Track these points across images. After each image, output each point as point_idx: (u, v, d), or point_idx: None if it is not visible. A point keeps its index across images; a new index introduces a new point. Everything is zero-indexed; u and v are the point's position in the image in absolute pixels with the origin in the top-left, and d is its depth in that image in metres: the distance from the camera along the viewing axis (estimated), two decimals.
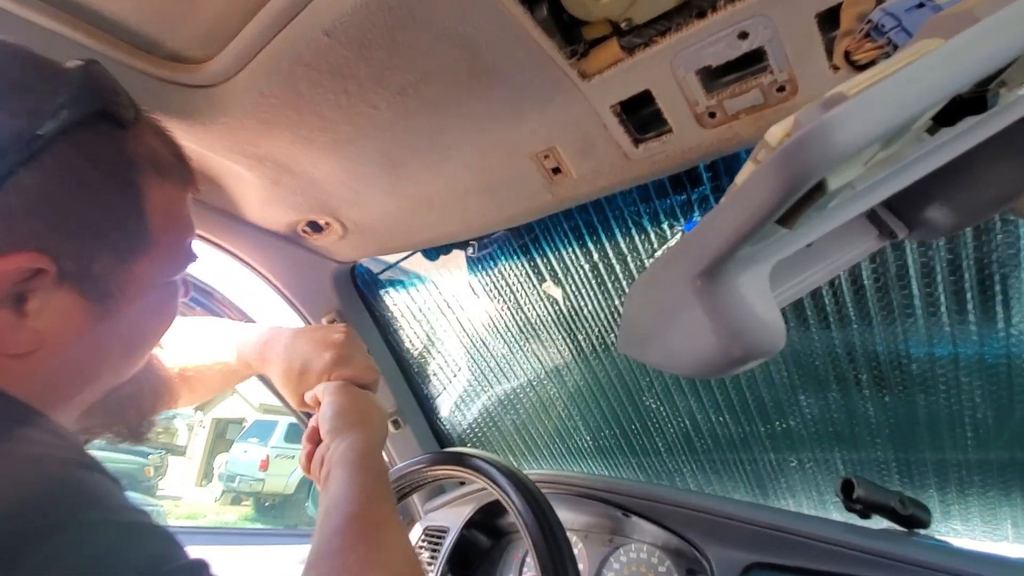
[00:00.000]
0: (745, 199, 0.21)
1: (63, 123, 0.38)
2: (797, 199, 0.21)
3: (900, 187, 0.28)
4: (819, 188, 0.21)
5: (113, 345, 0.46)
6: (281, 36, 0.56)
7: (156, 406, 0.59)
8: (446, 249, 1.04)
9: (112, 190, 0.42)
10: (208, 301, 1.08)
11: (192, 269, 0.53)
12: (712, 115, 0.60)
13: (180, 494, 10.77)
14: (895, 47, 0.33)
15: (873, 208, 0.44)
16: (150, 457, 9.58)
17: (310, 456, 0.64)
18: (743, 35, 0.51)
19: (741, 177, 0.24)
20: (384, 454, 1.21)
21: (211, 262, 0.99)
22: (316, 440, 0.64)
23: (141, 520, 0.36)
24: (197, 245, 0.54)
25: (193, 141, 0.69)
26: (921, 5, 0.33)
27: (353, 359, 0.67)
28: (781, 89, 0.55)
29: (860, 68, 0.35)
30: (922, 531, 0.76)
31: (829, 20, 0.48)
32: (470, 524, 1.11)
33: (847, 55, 0.35)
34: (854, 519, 0.77)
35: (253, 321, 1.10)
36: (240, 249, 0.96)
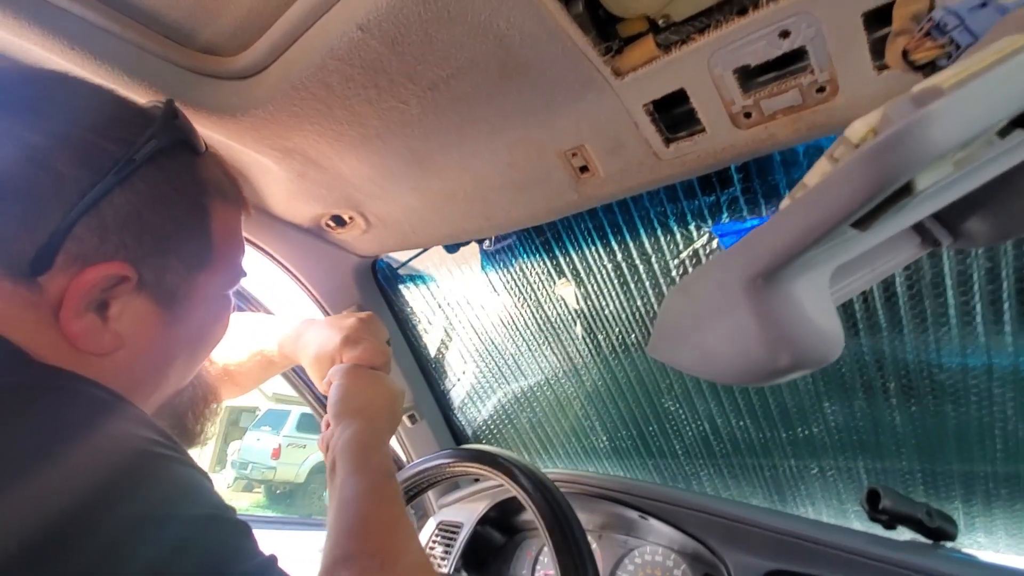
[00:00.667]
0: (821, 199, 0.20)
1: (152, 150, 0.44)
2: (881, 200, 0.20)
3: (968, 190, 0.27)
4: (905, 189, 0.20)
5: (180, 349, 0.51)
6: (314, 29, 0.56)
7: (208, 410, 0.66)
8: (466, 241, 1.04)
9: (187, 210, 0.48)
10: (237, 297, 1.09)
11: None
12: (748, 115, 0.58)
13: None
14: (957, 47, 0.32)
15: None
16: None
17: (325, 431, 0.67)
18: (784, 34, 0.50)
19: (813, 177, 0.23)
20: (400, 449, 1.23)
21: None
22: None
23: (222, 515, 0.38)
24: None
25: (223, 133, 0.69)
26: (984, 4, 0.32)
27: (362, 341, 0.68)
28: (821, 90, 0.54)
29: (918, 68, 0.34)
30: (948, 544, 0.75)
31: (876, 19, 0.47)
32: (484, 520, 1.11)
33: (905, 54, 0.34)
34: (874, 529, 0.76)
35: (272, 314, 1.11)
36: (264, 241, 0.96)
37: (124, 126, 0.44)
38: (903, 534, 0.76)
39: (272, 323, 0.78)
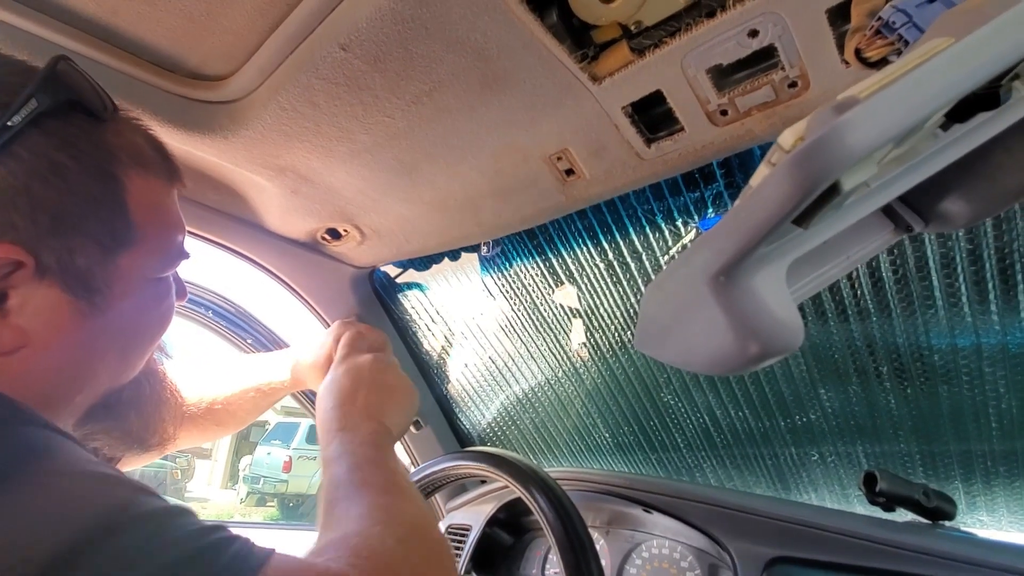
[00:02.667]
0: (760, 201, 0.22)
1: (32, 113, 0.38)
2: (812, 200, 0.21)
3: (914, 183, 0.28)
4: (834, 189, 0.21)
5: (107, 344, 0.45)
6: (298, 51, 0.57)
7: (160, 412, 0.57)
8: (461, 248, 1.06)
9: (91, 182, 0.41)
10: (235, 317, 1.12)
11: (219, 285, 0.54)
12: (724, 113, 0.60)
13: (207, 496, 10.99)
14: (906, 43, 0.34)
15: (889, 203, 0.44)
16: (177, 460, 9.78)
17: None
18: (753, 33, 0.51)
19: (756, 179, 0.24)
20: (405, 455, 1.24)
21: (236, 272, 1.01)
22: None
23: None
24: (208, 250, 0.54)
25: (215, 155, 0.71)
26: (932, 0, 0.34)
27: (354, 325, 0.72)
28: (793, 85, 0.55)
29: (871, 65, 0.35)
30: (948, 523, 0.76)
31: (840, 15, 0.48)
32: (492, 522, 1.12)
33: (858, 52, 0.36)
34: (878, 512, 0.77)
35: (279, 339, 1.14)
36: (262, 257, 0.98)
37: None
38: (904, 516, 0.77)
39: (262, 357, 0.80)
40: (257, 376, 0.78)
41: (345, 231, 0.93)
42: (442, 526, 1.20)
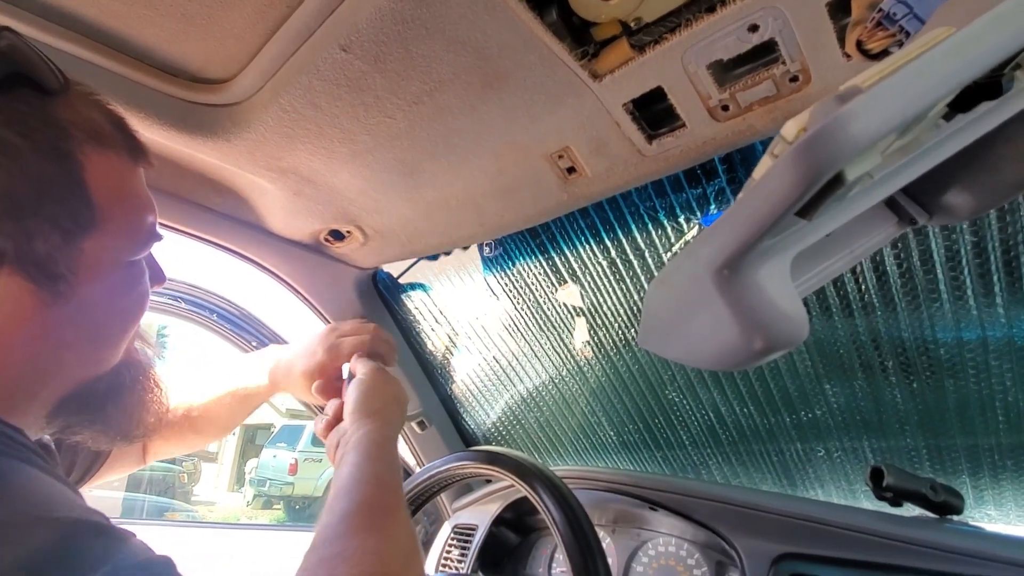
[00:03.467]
0: (764, 193, 0.22)
1: None
2: (816, 191, 0.21)
3: (918, 174, 0.28)
4: (837, 180, 0.21)
5: (75, 334, 0.43)
6: (299, 53, 0.58)
7: (143, 402, 0.54)
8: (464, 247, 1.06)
9: (43, 161, 0.39)
10: (238, 319, 1.12)
11: (222, 287, 0.52)
12: (725, 108, 0.60)
13: (214, 499, 11.03)
14: (907, 34, 0.34)
15: (892, 195, 0.44)
16: (183, 464, 9.82)
17: (329, 426, 0.66)
18: (753, 28, 0.51)
19: (759, 172, 0.24)
20: (410, 455, 1.24)
21: (239, 274, 1.02)
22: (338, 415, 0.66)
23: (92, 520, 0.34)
24: (200, 248, 0.52)
25: (218, 157, 0.72)
26: None
27: (361, 330, 0.72)
28: (794, 79, 0.55)
29: (873, 57, 0.35)
30: (955, 517, 0.75)
31: (840, 8, 0.48)
32: (498, 521, 1.12)
33: (859, 44, 0.36)
34: (885, 508, 0.77)
35: (279, 337, 1.14)
36: (265, 259, 0.98)
37: None
38: (911, 511, 0.76)
39: (239, 362, 0.78)
40: (232, 380, 0.75)
41: (348, 232, 0.93)
42: (448, 526, 1.20)
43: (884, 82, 0.20)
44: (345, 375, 0.72)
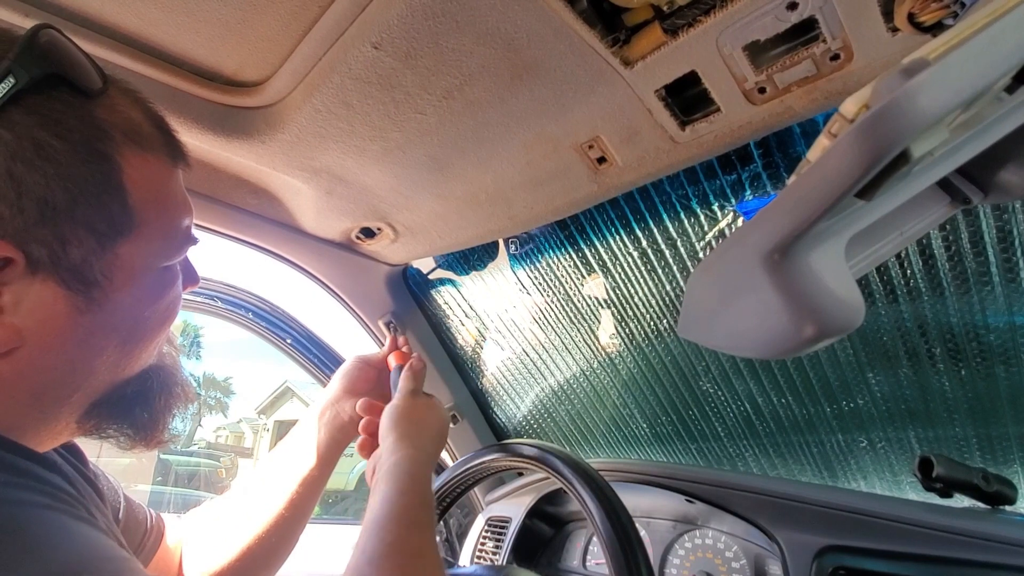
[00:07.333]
0: (822, 173, 0.21)
1: (12, 89, 0.35)
2: (879, 170, 0.20)
3: (980, 150, 0.27)
4: (902, 157, 0.21)
5: (109, 338, 0.42)
6: (331, 52, 0.58)
7: (170, 406, 0.52)
8: (492, 255, 1.08)
9: (82, 164, 0.37)
10: (273, 317, 1.14)
11: (257, 286, 0.52)
12: (762, 90, 0.58)
13: None
14: (963, 5, 0.32)
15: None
16: (222, 459, 10.15)
17: (366, 447, 0.71)
18: (792, 5, 0.50)
19: (814, 153, 0.23)
20: (444, 450, 1.25)
21: (274, 273, 1.04)
22: (371, 431, 0.70)
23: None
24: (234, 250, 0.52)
25: (254, 159, 0.73)
26: None
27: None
28: (835, 57, 0.53)
29: (925, 30, 0.34)
30: (1008, 508, 0.72)
31: None
32: (532, 513, 1.13)
33: (911, 17, 0.34)
34: (930, 499, 0.74)
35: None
36: (298, 258, 1.00)
37: None
38: (961, 501, 0.74)
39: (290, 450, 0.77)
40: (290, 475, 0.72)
41: (379, 229, 0.94)
42: (482, 519, 1.21)
43: (953, 53, 0.19)
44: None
